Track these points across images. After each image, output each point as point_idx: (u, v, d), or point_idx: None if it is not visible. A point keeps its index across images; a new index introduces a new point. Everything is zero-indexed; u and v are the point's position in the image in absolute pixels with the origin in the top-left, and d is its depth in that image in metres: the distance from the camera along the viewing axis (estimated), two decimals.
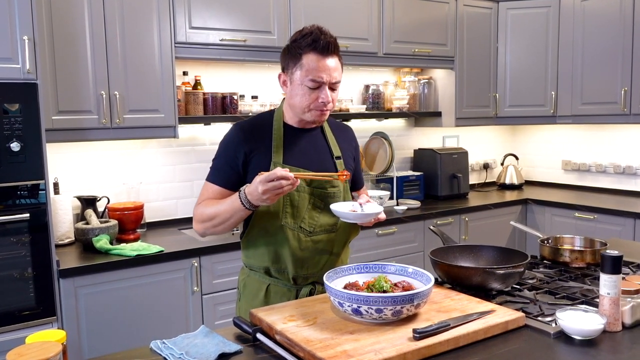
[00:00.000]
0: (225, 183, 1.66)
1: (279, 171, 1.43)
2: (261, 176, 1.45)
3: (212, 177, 1.68)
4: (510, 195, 4.05)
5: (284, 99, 1.74)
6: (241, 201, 1.52)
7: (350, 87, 3.80)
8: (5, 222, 2.16)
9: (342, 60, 1.66)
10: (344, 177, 1.62)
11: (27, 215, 2.19)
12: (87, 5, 2.51)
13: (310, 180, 1.66)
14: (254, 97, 3.23)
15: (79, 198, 2.79)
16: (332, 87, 1.63)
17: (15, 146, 2.15)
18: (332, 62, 1.60)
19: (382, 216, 1.64)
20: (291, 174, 1.44)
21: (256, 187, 1.45)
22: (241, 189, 1.54)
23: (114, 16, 2.57)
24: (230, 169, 1.66)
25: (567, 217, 3.65)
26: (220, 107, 3.08)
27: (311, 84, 1.58)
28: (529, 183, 4.56)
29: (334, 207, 1.61)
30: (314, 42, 1.57)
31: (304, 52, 1.58)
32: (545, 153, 4.47)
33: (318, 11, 3.16)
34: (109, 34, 2.57)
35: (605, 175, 4.07)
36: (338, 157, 1.74)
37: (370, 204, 1.68)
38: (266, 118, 1.72)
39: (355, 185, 1.89)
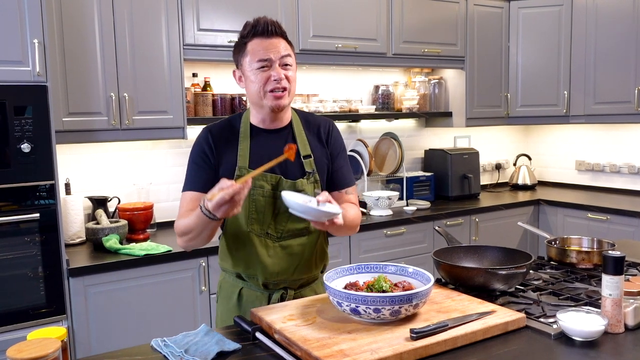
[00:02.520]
0: (202, 187, 1.57)
1: (225, 195, 1.32)
2: (211, 203, 1.35)
3: (188, 186, 1.62)
4: (522, 196, 4.00)
5: None
6: (207, 216, 1.41)
7: (359, 87, 3.80)
8: (16, 222, 2.20)
9: (290, 42, 1.63)
10: (291, 151, 1.46)
11: (38, 215, 2.23)
12: (96, 8, 2.54)
13: (277, 184, 1.59)
14: None
15: (90, 198, 2.83)
16: (285, 67, 1.58)
17: (25, 147, 2.20)
18: (275, 41, 1.58)
19: (339, 221, 1.45)
20: (237, 185, 1.33)
21: (215, 210, 1.36)
22: (200, 204, 1.43)
23: (123, 19, 2.61)
24: (204, 172, 1.60)
25: (580, 218, 3.60)
26: (229, 108, 3.10)
27: (258, 65, 1.56)
28: (542, 184, 4.51)
29: (285, 194, 1.43)
30: (254, 27, 1.59)
31: (248, 40, 1.60)
32: (559, 153, 4.42)
33: (326, 12, 3.17)
34: (118, 36, 2.60)
35: (620, 176, 4.01)
36: (307, 156, 1.65)
37: (330, 204, 1.45)
38: (235, 121, 1.68)
39: (339, 184, 1.72)
